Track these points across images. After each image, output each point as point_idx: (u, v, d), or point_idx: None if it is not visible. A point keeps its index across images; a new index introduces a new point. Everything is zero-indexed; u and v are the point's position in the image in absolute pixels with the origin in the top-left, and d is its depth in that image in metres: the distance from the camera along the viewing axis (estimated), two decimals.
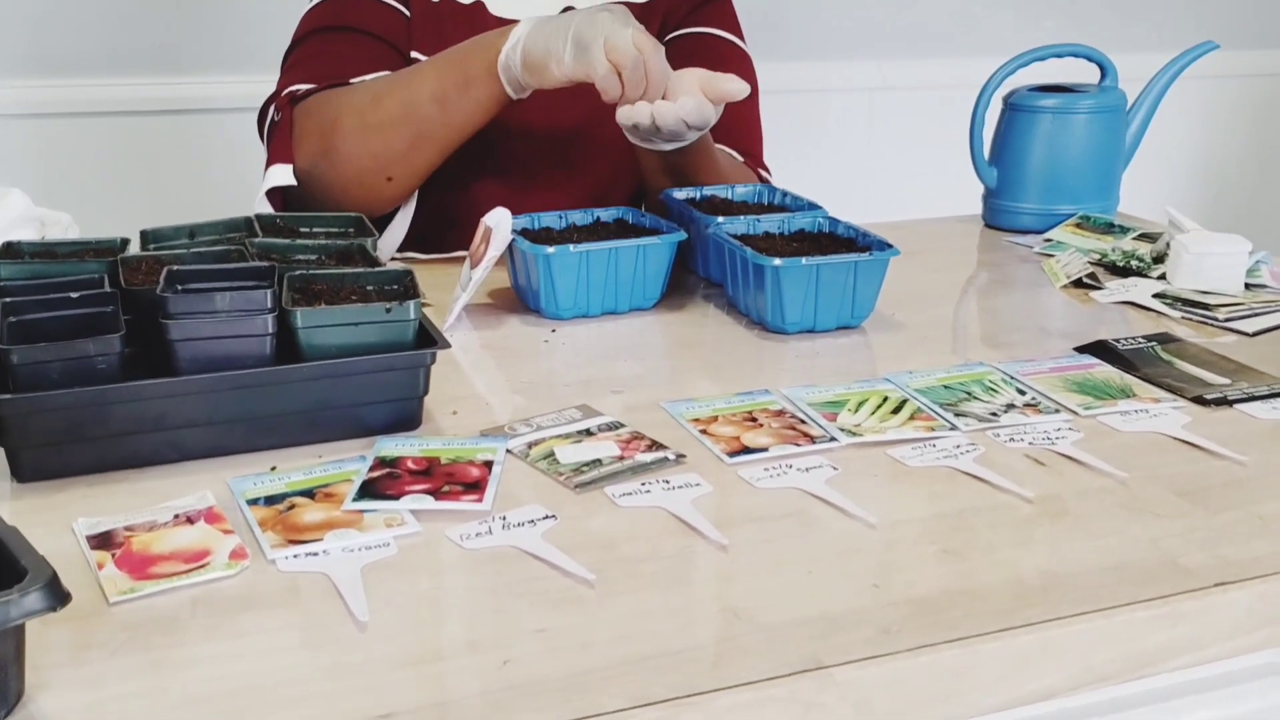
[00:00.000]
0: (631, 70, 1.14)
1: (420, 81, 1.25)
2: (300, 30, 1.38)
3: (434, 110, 1.24)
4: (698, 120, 1.18)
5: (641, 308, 1.18)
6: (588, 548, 0.73)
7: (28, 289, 0.88)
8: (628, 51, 1.13)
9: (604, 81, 1.15)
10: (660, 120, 1.17)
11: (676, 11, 1.44)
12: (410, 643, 0.64)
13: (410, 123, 1.24)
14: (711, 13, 1.45)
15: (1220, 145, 2.91)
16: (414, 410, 0.90)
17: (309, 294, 0.91)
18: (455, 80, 1.23)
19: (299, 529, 0.74)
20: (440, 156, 1.28)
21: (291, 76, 1.34)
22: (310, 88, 1.31)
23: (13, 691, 0.58)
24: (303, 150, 1.28)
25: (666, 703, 0.59)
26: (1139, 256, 1.32)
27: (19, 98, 2.00)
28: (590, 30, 1.15)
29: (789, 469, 0.84)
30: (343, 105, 1.27)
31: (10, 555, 0.57)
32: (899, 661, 0.63)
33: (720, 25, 1.45)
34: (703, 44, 1.42)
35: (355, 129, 1.25)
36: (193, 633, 0.65)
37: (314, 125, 1.28)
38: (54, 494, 0.79)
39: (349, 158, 1.26)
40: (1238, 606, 0.71)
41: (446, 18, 1.37)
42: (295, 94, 1.31)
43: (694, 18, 1.44)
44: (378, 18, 1.35)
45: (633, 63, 1.13)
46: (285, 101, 1.31)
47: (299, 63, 1.35)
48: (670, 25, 1.43)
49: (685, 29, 1.44)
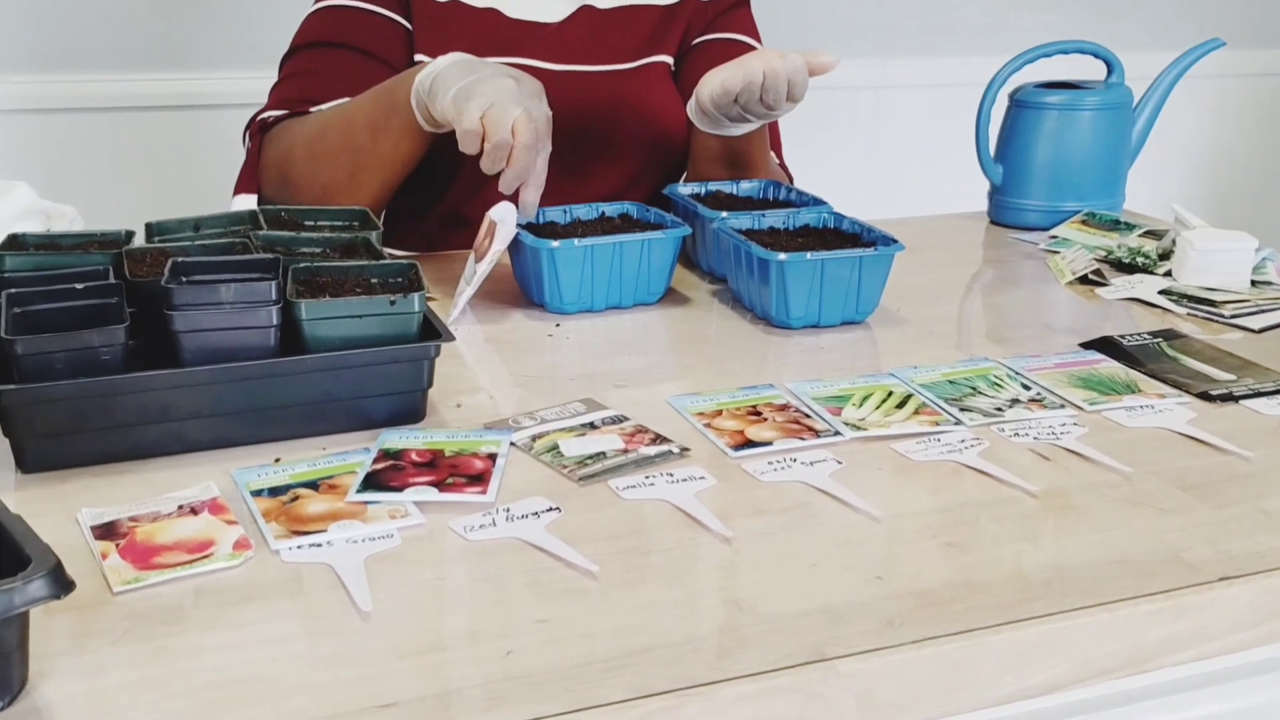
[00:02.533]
0: (493, 147, 1.08)
1: (357, 110, 1.25)
2: (298, 38, 1.38)
3: (367, 139, 1.23)
4: (799, 86, 1.19)
5: (646, 302, 1.18)
6: (591, 540, 0.73)
7: (33, 280, 0.88)
8: (500, 126, 1.07)
9: (463, 136, 1.09)
10: (772, 79, 1.17)
11: (700, 18, 1.45)
12: (413, 633, 0.64)
13: (348, 152, 1.24)
14: (733, 18, 1.46)
15: (1226, 142, 2.91)
16: (418, 403, 0.90)
17: (313, 286, 0.91)
18: (384, 108, 1.22)
19: (303, 520, 0.74)
20: (383, 186, 1.26)
21: (275, 95, 1.35)
22: (281, 114, 1.32)
23: (16, 679, 0.58)
24: (265, 180, 1.30)
25: (669, 694, 0.59)
26: (1145, 253, 1.32)
27: (25, 93, 2.00)
28: (487, 87, 1.10)
29: (793, 463, 0.84)
30: (295, 136, 1.29)
31: (14, 543, 0.57)
32: (902, 654, 0.63)
33: (742, 30, 1.46)
34: (726, 49, 1.43)
35: (305, 159, 1.27)
36: (196, 622, 0.65)
37: (273, 155, 1.30)
38: (58, 484, 0.79)
39: (301, 188, 1.27)
40: (1241, 601, 0.71)
41: (453, 20, 1.36)
42: (266, 121, 1.32)
43: (717, 24, 1.45)
44: (371, 31, 1.35)
45: (498, 142, 1.07)
46: (257, 129, 1.33)
47: (283, 80, 1.36)
48: (694, 31, 1.44)
49: (709, 35, 1.45)
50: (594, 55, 1.36)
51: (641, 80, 1.39)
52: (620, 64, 1.39)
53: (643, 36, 1.41)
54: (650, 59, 1.41)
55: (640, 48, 1.41)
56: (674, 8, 1.42)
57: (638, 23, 1.41)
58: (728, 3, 1.46)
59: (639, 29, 1.41)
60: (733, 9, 1.46)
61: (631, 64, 1.40)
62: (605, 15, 1.40)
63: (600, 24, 1.39)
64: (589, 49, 1.37)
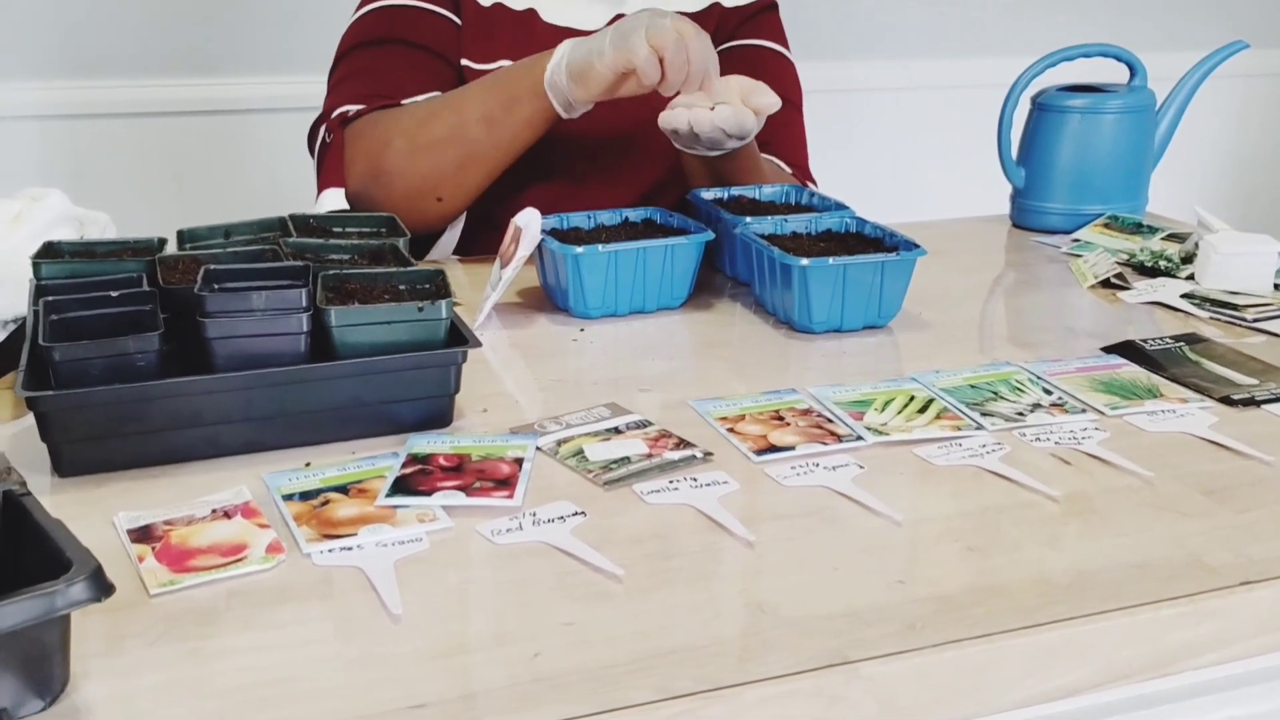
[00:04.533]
0: (674, 52, 1.13)
1: (468, 103, 1.27)
2: (346, 42, 1.38)
3: (481, 131, 1.25)
4: (735, 129, 1.18)
5: (669, 307, 1.19)
6: (616, 543, 0.74)
7: (68, 288, 0.90)
8: (668, 34, 1.13)
9: (645, 64, 1.14)
10: (698, 128, 1.18)
11: (727, 23, 1.46)
12: (442, 635, 0.65)
13: (458, 144, 1.26)
14: (761, 24, 1.47)
15: (1249, 145, 2.90)
16: (445, 408, 0.91)
17: (342, 293, 0.93)
18: (502, 101, 1.24)
19: (333, 524, 0.76)
20: (488, 177, 1.29)
21: (340, 94, 1.35)
22: (360, 108, 1.32)
23: (57, 679, 0.59)
24: (354, 173, 1.30)
25: (693, 696, 0.60)
26: (1167, 257, 1.32)
27: (55, 99, 2.03)
28: (631, 22, 1.16)
29: (815, 467, 0.85)
30: (392, 127, 1.29)
31: (56, 547, 0.59)
32: (924, 657, 0.64)
33: (770, 37, 1.47)
34: (752, 56, 1.43)
35: (404, 151, 1.27)
36: (229, 624, 0.66)
37: (364, 148, 1.30)
38: (95, 489, 0.81)
39: (399, 179, 1.28)
40: (1262, 605, 0.71)
41: (498, 24, 1.37)
42: (346, 115, 1.32)
43: (744, 30, 1.46)
44: (427, 28, 1.36)
45: (674, 44, 1.13)
46: (336, 123, 1.32)
47: (346, 78, 1.36)
48: (721, 37, 1.45)
49: (736, 41, 1.45)
50: None
51: None
52: None
53: None
54: None
55: None
56: (702, 14, 1.43)
57: None
58: (755, 8, 1.47)
59: None
60: (760, 14, 1.47)
61: None
62: None
63: None
64: None
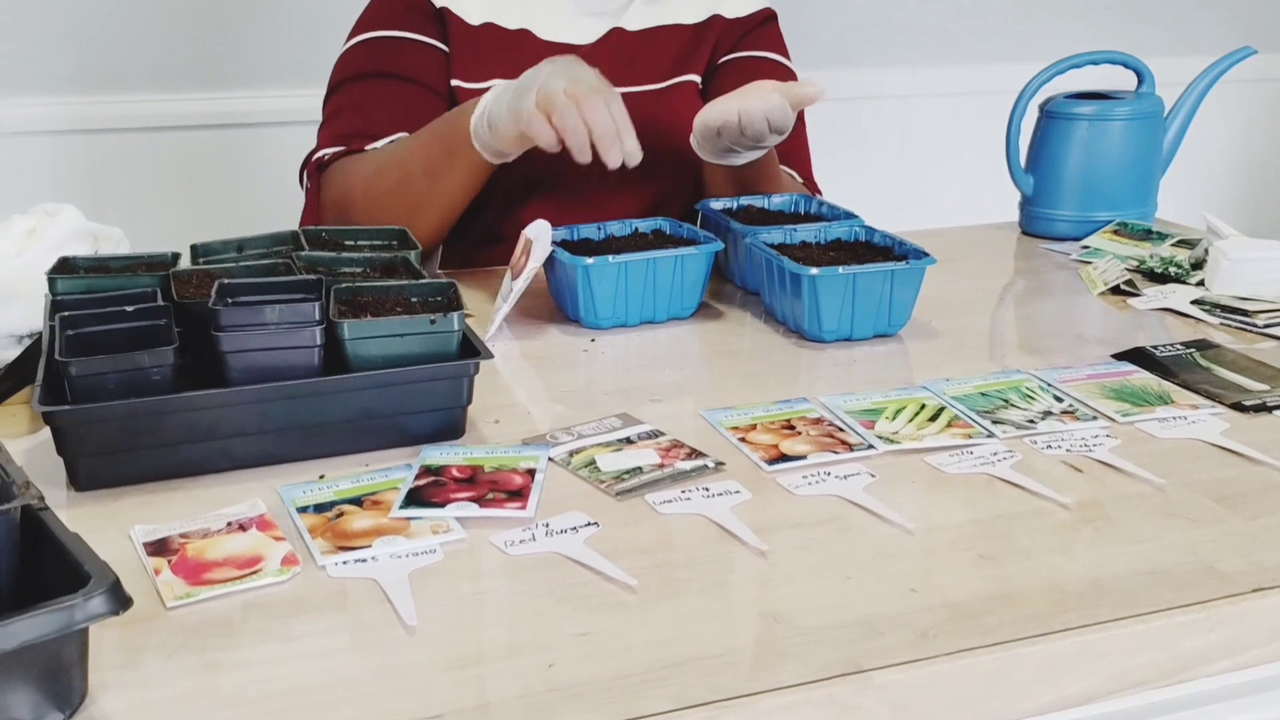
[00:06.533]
0: (561, 116, 1.10)
1: (414, 153, 1.28)
2: (337, 74, 1.40)
3: (424, 183, 1.27)
4: (780, 120, 1.19)
5: (679, 317, 1.19)
6: (629, 553, 0.75)
7: (84, 303, 0.90)
8: (554, 97, 1.10)
9: (532, 129, 1.12)
10: (746, 118, 1.18)
11: (729, 36, 1.46)
12: (456, 646, 0.66)
13: (407, 194, 1.27)
14: (762, 36, 1.48)
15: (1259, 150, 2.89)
16: (458, 419, 0.91)
17: (355, 306, 0.93)
18: (440, 152, 1.26)
19: (348, 536, 0.76)
20: (441, 222, 1.30)
21: (324, 134, 1.38)
22: (336, 151, 1.34)
23: (77, 692, 0.60)
24: (325, 220, 1.33)
25: (707, 705, 0.61)
26: (1177, 263, 1.32)
27: (68, 114, 2.04)
28: (526, 83, 1.14)
29: (827, 476, 0.85)
30: (351, 177, 1.31)
31: (74, 561, 0.59)
32: (936, 665, 0.64)
33: (770, 48, 1.48)
34: (755, 67, 1.44)
35: (361, 200, 1.30)
36: (246, 636, 0.67)
37: (331, 196, 1.33)
38: (110, 502, 0.82)
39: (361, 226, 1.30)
40: (1275, 612, 0.71)
41: (490, 43, 1.38)
42: (323, 160, 1.35)
43: (746, 41, 1.46)
44: (412, 59, 1.37)
45: (561, 108, 1.10)
46: (314, 169, 1.35)
47: (334, 114, 1.38)
48: (723, 49, 1.46)
49: (737, 53, 1.46)
50: (625, 76, 1.38)
51: (672, 99, 1.41)
52: (651, 84, 1.41)
53: (672, 56, 1.43)
54: (680, 78, 1.42)
55: (670, 68, 1.42)
56: (702, 26, 1.44)
57: (667, 43, 1.43)
58: (755, 20, 1.47)
59: (669, 49, 1.43)
60: (760, 26, 1.48)
61: (662, 84, 1.41)
62: (635, 36, 1.42)
63: (631, 45, 1.41)
64: (620, 70, 1.39)
